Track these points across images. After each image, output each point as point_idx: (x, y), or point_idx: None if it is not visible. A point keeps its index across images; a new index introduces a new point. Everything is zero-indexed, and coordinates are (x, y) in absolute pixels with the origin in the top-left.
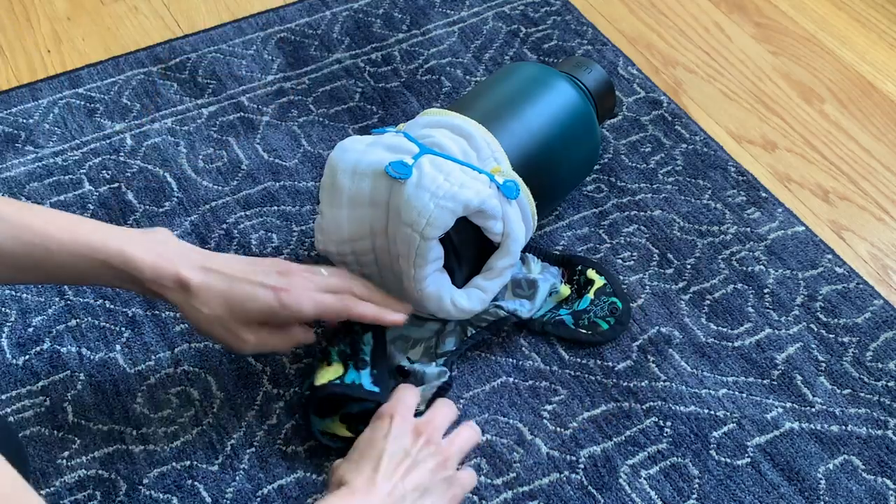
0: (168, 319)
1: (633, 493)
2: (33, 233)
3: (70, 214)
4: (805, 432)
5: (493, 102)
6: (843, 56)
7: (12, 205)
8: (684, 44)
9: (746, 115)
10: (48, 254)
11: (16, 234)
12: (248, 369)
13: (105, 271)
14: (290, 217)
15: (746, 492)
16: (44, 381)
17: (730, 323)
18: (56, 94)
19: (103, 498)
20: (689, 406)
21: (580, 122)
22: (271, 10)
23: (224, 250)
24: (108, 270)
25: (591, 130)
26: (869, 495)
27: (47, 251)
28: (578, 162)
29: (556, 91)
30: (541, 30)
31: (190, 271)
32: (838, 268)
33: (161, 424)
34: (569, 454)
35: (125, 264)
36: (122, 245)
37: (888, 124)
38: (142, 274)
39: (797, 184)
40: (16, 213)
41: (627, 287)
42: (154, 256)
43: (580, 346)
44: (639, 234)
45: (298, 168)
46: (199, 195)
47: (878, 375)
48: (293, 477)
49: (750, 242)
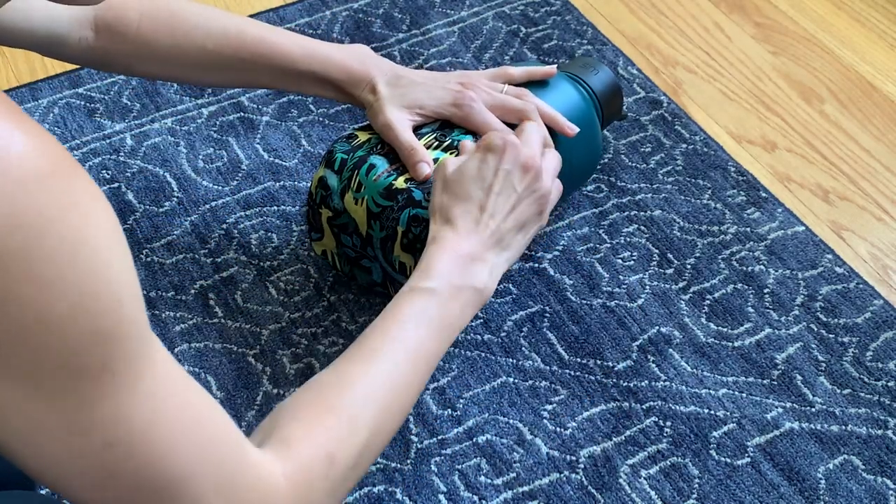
0: (168, 319)
1: (633, 492)
2: (254, 39)
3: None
4: (805, 432)
5: None
6: (843, 56)
7: (232, 18)
8: (684, 44)
9: (746, 115)
10: (265, 59)
11: (238, 44)
12: (248, 369)
13: (308, 77)
14: (290, 217)
15: (746, 492)
16: None
17: (730, 323)
18: (56, 94)
19: None
20: (689, 406)
21: (581, 124)
22: (271, 9)
23: (224, 250)
24: (312, 76)
25: (593, 132)
26: (869, 495)
27: (266, 58)
28: (579, 164)
29: (556, 91)
30: (541, 30)
31: (380, 76)
32: (838, 268)
33: None
34: (569, 454)
35: (328, 70)
36: (329, 53)
37: (888, 124)
38: (340, 78)
39: (797, 184)
40: (235, 26)
41: (627, 287)
42: (353, 63)
43: (580, 346)
44: (639, 234)
45: (298, 168)
46: (199, 195)
47: (878, 375)
48: None
49: (750, 242)
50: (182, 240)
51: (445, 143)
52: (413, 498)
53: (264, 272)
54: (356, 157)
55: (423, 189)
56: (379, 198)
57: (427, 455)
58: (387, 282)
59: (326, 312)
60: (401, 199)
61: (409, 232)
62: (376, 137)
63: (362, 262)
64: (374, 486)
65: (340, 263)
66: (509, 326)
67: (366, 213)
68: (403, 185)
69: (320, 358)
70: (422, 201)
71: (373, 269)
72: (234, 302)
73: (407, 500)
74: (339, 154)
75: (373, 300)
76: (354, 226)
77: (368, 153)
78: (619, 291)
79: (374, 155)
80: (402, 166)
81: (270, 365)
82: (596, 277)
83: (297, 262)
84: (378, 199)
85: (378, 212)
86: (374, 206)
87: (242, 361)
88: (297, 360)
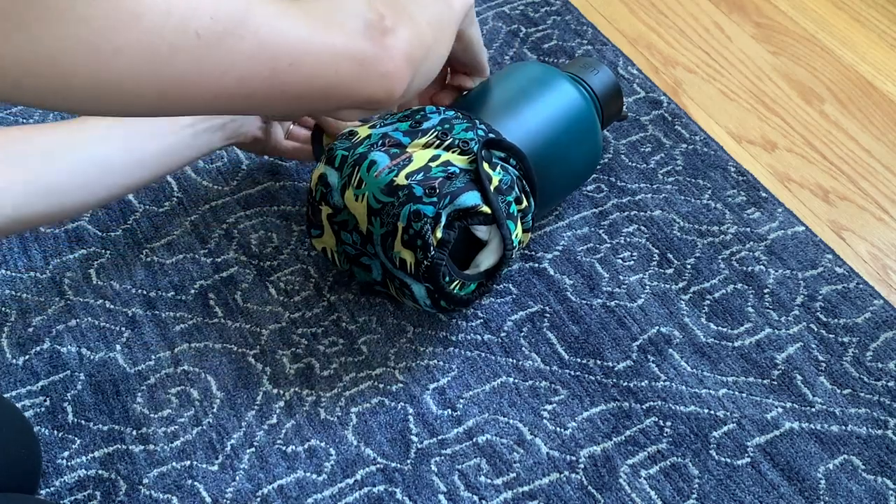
0: (168, 319)
1: (633, 492)
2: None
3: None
4: (805, 432)
5: (491, 100)
6: (843, 56)
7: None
8: (684, 44)
9: (746, 115)
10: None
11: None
12: (248, 369)
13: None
14: (290, 217)
15: (746, 492)
16: (44, 381)
17: (730, 323)
18: None
19: (103, 498)
20: (689, 406)
21: (580, 123)
22: None
23: (224, 250)
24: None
25: (593, 132)
26: (869, 495)
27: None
28: (577, 163)
29: (556, 91)
30: (541, 30)
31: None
32: (838, 268)
33: (161, 424)
34: (569, 454)
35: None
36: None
37: (888, 124)
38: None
39: (797, 184)
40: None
41: (627, 287)
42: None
43: (580, 346)
44: (639, 234)
45: (298, 168)
46: (199, 195)
47: (878, 375)
48: (293, 477)
49: (750, 242)
50: (182, 240)
51: (447, 141)
52: (413, 498)
53: (264, 272)
54: (357, 153)
55: (424, 185)
56: (380, 194)
57: (427, 455)
58: (386, 280)
59: (326, 312)
60: (402, 196)
61: (409, 228)
62: (376, 133)
63: (362, 260)
64: (374, 486)
65: (340, 261)
66: (509, 326)
67: (366, 209)
68: (405, 182)
69: (320, 358)
70: (422, 197)
71: (372, 266)
72: (234, 302)
73: (407, 500)
74: (339, 151)
75: (373, 300)
76: (355, 223)
77: (369, 149)
78: (619, 291)
79: (375, 151)
80: (403, 162)
81: (270, 365)
82: (596, 277)
83: (297, 262)
84: (379, 195)
85: (378, 208)
86: (375, 203)
87: (242, 361)
88: (297, 360)
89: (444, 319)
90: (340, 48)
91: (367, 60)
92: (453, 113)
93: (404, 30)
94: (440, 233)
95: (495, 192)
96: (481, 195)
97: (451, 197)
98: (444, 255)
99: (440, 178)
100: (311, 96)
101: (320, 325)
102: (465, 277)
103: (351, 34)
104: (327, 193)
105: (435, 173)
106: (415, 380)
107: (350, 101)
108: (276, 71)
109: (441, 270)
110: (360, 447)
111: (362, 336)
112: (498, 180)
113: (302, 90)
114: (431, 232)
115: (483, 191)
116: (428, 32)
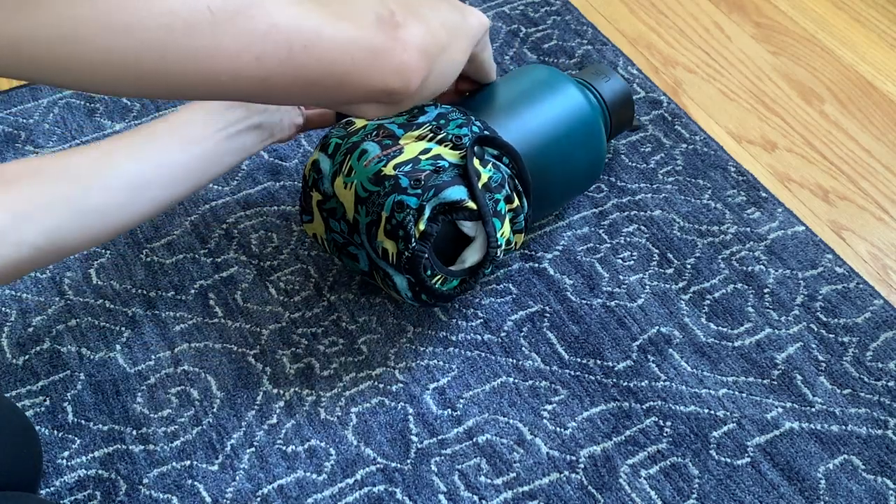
0: (168, 319)
1: (633, 492)
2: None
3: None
4: (805, 432)
5: (493, 99)
6: (843, 56)
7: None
8: (684, 44)
9: (746, 115)
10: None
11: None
12: (248, 369)
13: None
14: (290, 217)
15: (746, 492)
16: (44, 381)
17: (730, 323)
18: (56, 94)
19: (103, 498)
20: (689, 406)
21: (583, 127)
22: None
23: (224, 250)
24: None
25: (597, 138)
26: (869, 495)
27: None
28: (578, 167)
29: (559, 94)
30: (541, 30)
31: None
32: (838, 268)
33: (161, 424)
34: (569, 454)
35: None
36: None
37: (888, 124)
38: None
39: (797, 184)
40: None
41: (627, 287)
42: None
43: (580, 346)
44: (639, 234)
45: (298, 168)
46: (199, 195)
47: (878, 375)
48: (293, 477)
49: (750, 242)
50: (182, 240)
51: (440, 136)
52: (413, 498)
53: (264, 272)
54: (350, 142)
55: (410, 177)
56: (367, 183)
57: (427, 455)
58: (373, 270)
59: (326, 312)
60: (387, 185)
61: (392, 217)
62: (372, 124)
63: (349, 249)
64: (374, 486)
65: (329, 249)
66: (509, 326)
67: (353, 197)
68: (392, 172)
69: (320, 358)
70: (407, 188)
71: (359, 256)
72: (234, 302)
73: (407, 500)
74: (333, 139)
75: (373, 300)
76: (343, 211)
77: (363, 139)
78: (619, 291)
79: (368, 141)
80: (393, 153)
81: (270, 365)
82: (596, 277)
83: (297, 261)
84: (366, 184)
85: (365, 197)
86: (362, 191)
87: (242, 361)
88: (297, 360)
89: (443, 319)
90: (354, 37)
91: (380, 51)
92: (450, 109)
93: (416, 26)
94: (423, 225)
95: (483, 188)
96: (468, 190)
97: (436, 190)
98: (426, 248)
99: (427, 171)
100: (326, 83)
101: (320, 325)
102: (447, 273)
103: (363, 27)
104: (319, 180)
105: (423, 166)
106: (415, 380)
107: (366, 92)
108: (293, 52)
109: (422, 263)
110: (360, 447)
111: (362, 336)
112: (487, 177)
113: (318, 76)
114: (414, 223)
115: (470, 186)
116: (441, 32)
